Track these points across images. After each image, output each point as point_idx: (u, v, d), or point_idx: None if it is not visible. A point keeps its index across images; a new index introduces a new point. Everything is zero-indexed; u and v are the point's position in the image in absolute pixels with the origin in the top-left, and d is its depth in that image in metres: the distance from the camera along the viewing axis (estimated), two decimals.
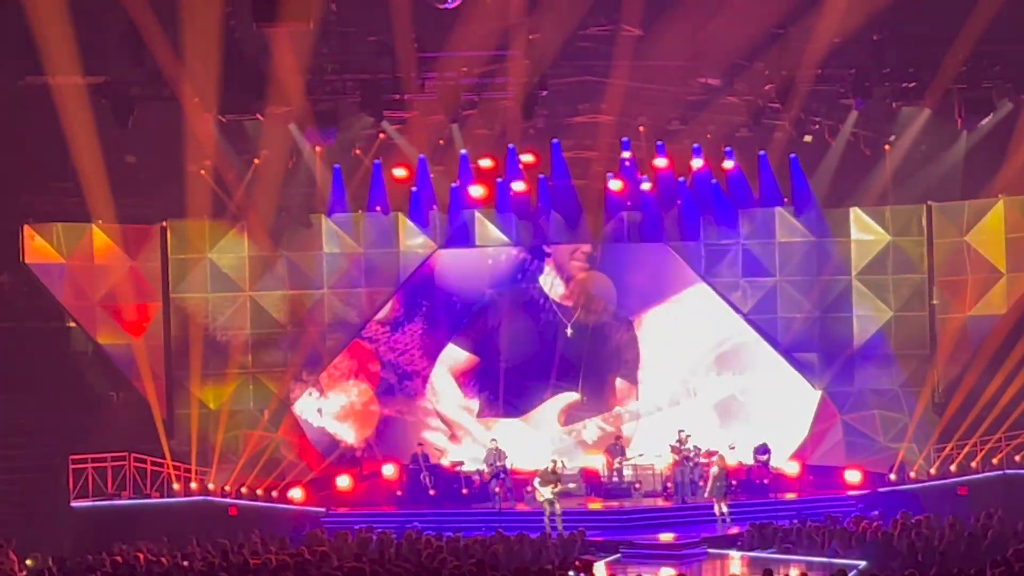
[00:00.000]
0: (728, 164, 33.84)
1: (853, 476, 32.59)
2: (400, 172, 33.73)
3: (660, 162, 33.74)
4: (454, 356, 35.36)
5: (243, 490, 31.75)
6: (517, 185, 33.76)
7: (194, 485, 31.53)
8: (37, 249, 32.28)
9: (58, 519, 29.54)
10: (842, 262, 34.77)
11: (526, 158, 33.58)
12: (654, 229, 35.02)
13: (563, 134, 33.53)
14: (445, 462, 33.73)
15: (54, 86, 28.41)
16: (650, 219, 34.92)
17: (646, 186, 34.14)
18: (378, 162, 33.54)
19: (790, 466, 33.28)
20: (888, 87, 30.46)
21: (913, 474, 32.30)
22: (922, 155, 33.54)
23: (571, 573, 21.41)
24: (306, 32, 25.65)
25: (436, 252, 34.98)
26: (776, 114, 31.63)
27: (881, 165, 33.68)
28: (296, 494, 32.11)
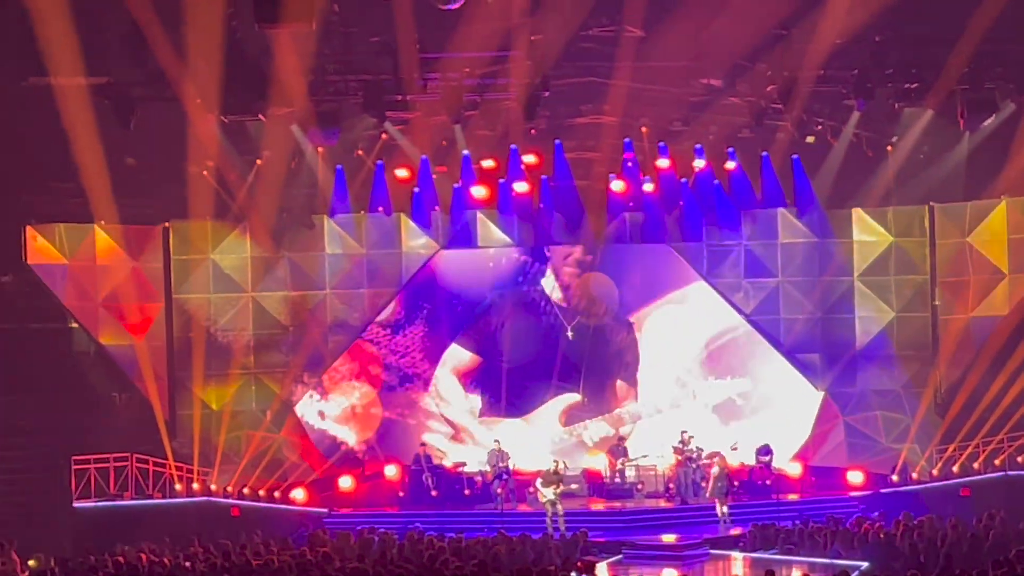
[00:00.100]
0: (730, 165, 33.84)
1: (855, 477, 32.56)
2: (402, 173, 33.77)
3: (662, 163, 33.75)
4: (457, 356, 35.35)
5: (245, 491, 31.72)
6: (519, 186, 33.75)
7: (196, 486, 31.52)
8: (39, 250, 32.29)
9: (60, 520, 29.54)
10: (844, 263, 34.75)
11: (528, 159, 33.58)
12: (656, 230, 35.00)
13: (565, 135, 33.53)
14: (447, 463, 33.72)
15: (56, 87, 28.41)
16: (652, 220, 34.91)
17: (648, 187, 34.13)
18: (380, 163, 33.55)
19: (792, 467, 33.22)
20: (890, 88, 30.48)
21: (915, 475, 32.29)
22: (924, 156, 33.55)
23: (573, 574, 21.42)
24: (308, 33, 25.61)
25: (438, 253, 34.98)
26: (778, 115, 31.65)
27: (883, 166, 33.66)
28: (298, 495, 32.08)
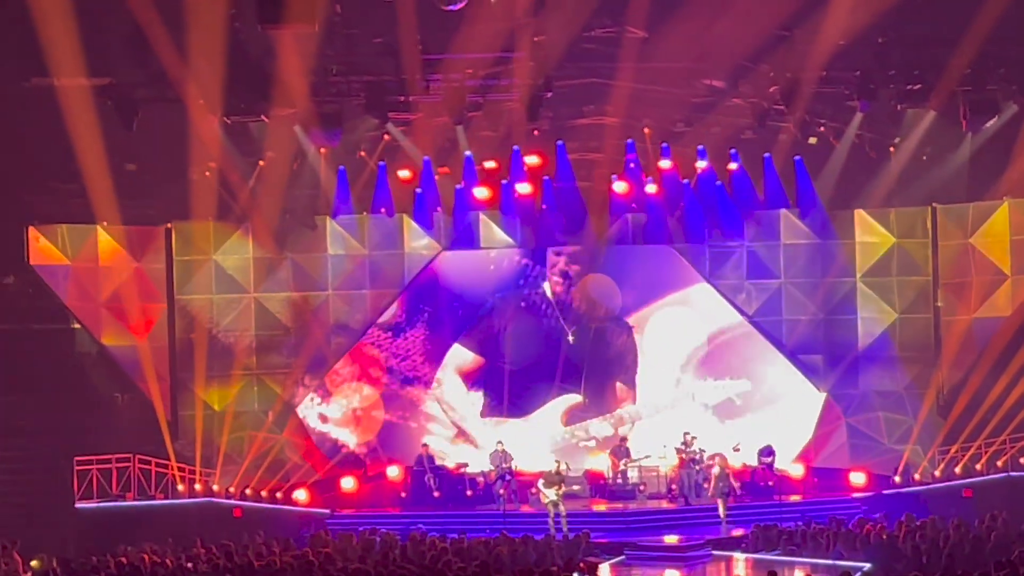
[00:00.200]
0: (733, 166, 33.84)
1: (858, 478, 32.52)
2: (405, 174, 33.78)
3: (665, 164, 33.74)
4: (460, 357, 35.34)
5: (247, 491, 31.73)
6: (522, 187, 33.76)
7: (198, 486, 31.54)
8: (42, 251, 32.30)
9: (63, 520, 29.53)
10: (847, 264, 34.71)
11: (531, 160, 33.57)
12: (658, 231, 34.97)
13: (568, 136, 33.52)
14: (449, 464, 33.70)
15: (59, 88, 28.44)
16: (654, 221, 34.88)
17: (651, 188, 34.09)
18: (383, 164, 33.54)
19: (794, 468, 33.16)
20: (893, 89, 30.47)
21: (918, 476, 32.27)
22: (927, 157, 33.52)
23: (575, 575, 21.42)
24: (311, 34, 25.62)
25: (440, 254, 34.98)
26: (781, 116, 31.65)
27: (886, 167, 33.62)
28: (300, 496, 32.08)
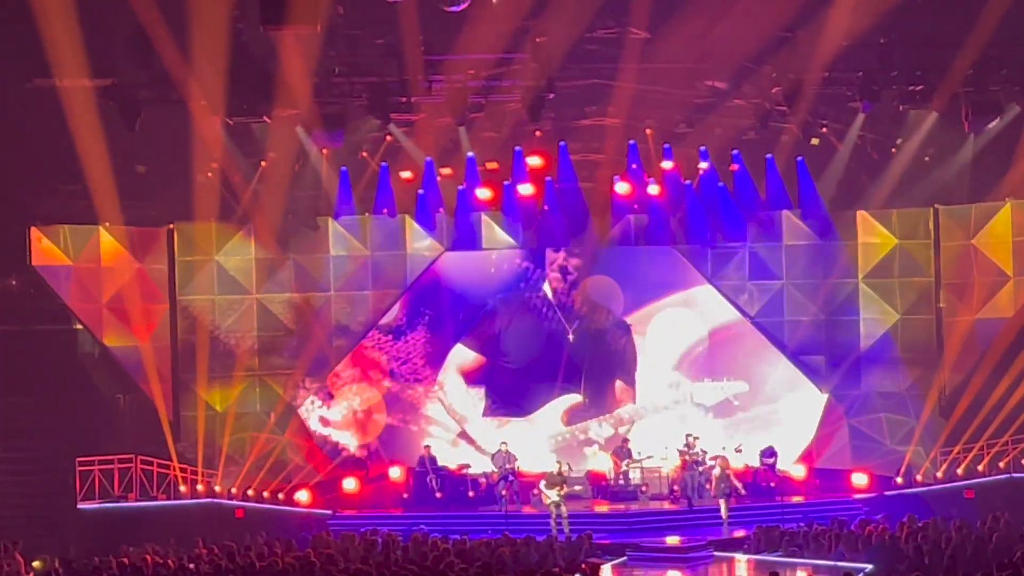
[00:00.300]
0: (735, 167, 33.84)
1: (860, 479, 32.50)
2: (407, 175, 33.78)
3: (667, 165, 33.74)
4: (461, 356, 35.34)
5: (249, 492, 31.76)
6: (524, 188, 33.76)
7: (200, 487, 31.58)
8: (44, 251, 32.29)
9: (65, 521, 29.56)
10: (849, 265, 34.69)
11: (533, 161, 33.58)
12: (661, 232, 34.97)
13: (570, 137, 33.51)
14: (451, 465, 33.67)
15: (61, 89, 28.44)
16: (657, 222, 34.88)
17: (653, 189, 34.10)
18: (385, 165, 33.55)
19: (796, 469, 33.16)
20: (895, 90, 30.43)
21: (920, 477, 32.27)
22: (929, 158, 33.51)
23: None
24: (313, 35, 25.63)
25: (442, 255, 34.96)
26: (783, 117, 31.61)
27: (888, 168, 33.61)
28: (302, 496, 32.10)
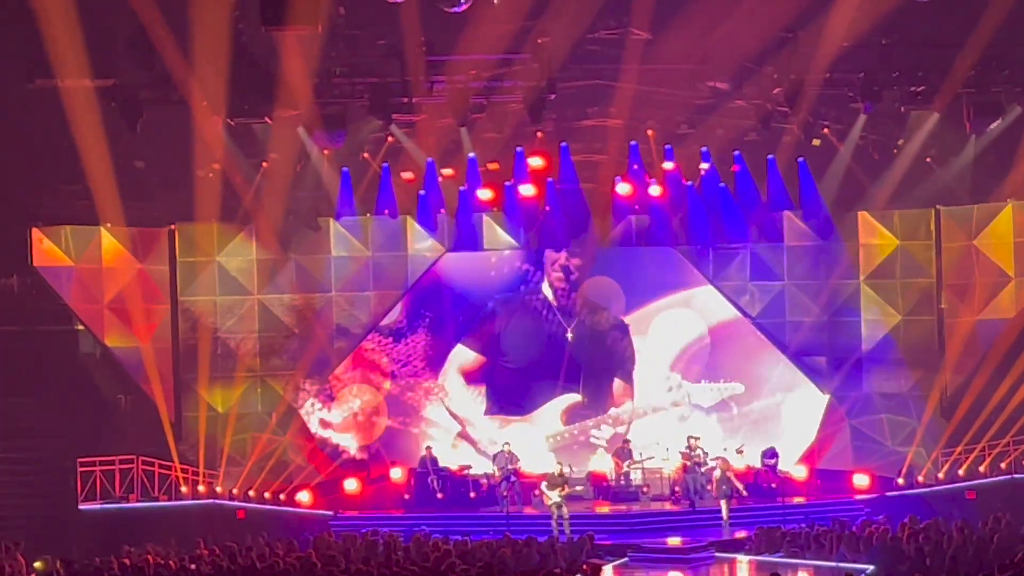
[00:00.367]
0: (736, 168, 33.83)
1: (861, 480, 32.50)
2: (408, 175, 33.78)
3: (668, 166, 33.73)
4: (462, 356, 35.33)
5: (251, 493, 31.77)
6: (525, 189, 33.75)
7: (202, 488, 31.58)
8: (46, 252, 32.31)
9: (66, 522, 29.54)
10: (850, 266, 34.68)
11: (534, 162, 33.57)
12: (662, 233, 34.95)
13: (571, 138, 33.50)
14: (452, 466, 33.65)
15: (63, 89, 28.42)
16: (658, 223, 34.87)
17: (654, 190, 34.09)
18: (386, 165, 33.55)
19: (798, 470, 33.15)
20: (897, 91, 30.43)
21: (921, 478, 32.25)
22: (931, 159, 33.48)
23: None
24: (315, 35, 25.64)
25: (443, 256, 34.94)
26: (784, 118, 31.58)
27: (889, 169, 33.59)
28: (304, 497, 32.10)
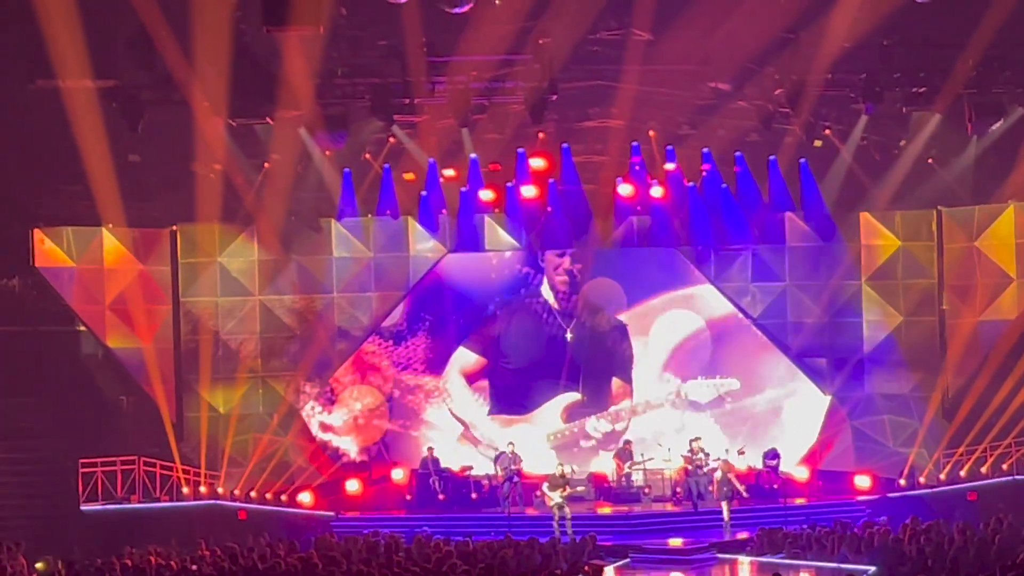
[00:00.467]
0: (738, 169, 33.82)
1: (863, 481, 32.47)
2: (410, 176, 33.77)
3: (670, 167, 33.73)
4: (464, 358, 35.33)
5: (252, 494, 31.77)
6: (527, 190, 33.74)
7: (203, 489, 31.58)
8: (47, 253, 32.30)
9: (67, 523, 29.54)
10: (851, 267, 34.63)
11: (536, 162, 33.56)
12: (664, 234, 34.92)
13: (573, 138, 33.49)
14: (454, 467, 33.64)
15: (64, 90, 28.44)
16: (660, 224, 34.84)
17: (656, 191, 34.07)
18: (388, 166, 33.54)
19: (799, 471, 33.16)
20: (898, 92, 30.46)
21: (923, 479, 32.23)
22: (932, 160, 33.47)
23: None
24: (316, 36, 25.66)
25: (444, 257, 34.93)
26: (786, 119, 31.59)
27: (891, 170, 33.58)
28: (305, 498, 32.09)
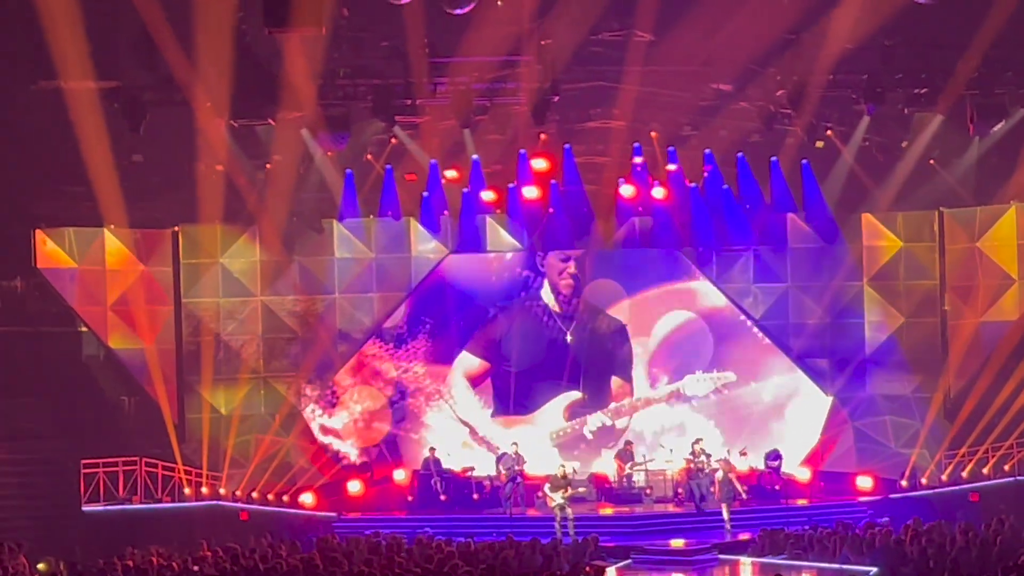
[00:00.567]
0: (740, 170, 33.82)
1: (865, 482, 32.47)
2: (411, 177, 33.78)
3: (671, 167, 33.73)
4: (466, 361, 35.34)
5: (254, 495, 31.76)
6: (528, 190, 33.73)
7: (205, 490, 31.57)
8: (49, 254, 32.33)
9: (69, 523, 29.52)
10: (853, 268, 34.63)
11: (538, 163, 33.55)
12: (665, 234, 34.93)
13: (575, 139, 33.48)
14: (456, 467, 33.64)
15: (66, 91, 28.47)
16: (661, 224, 34.85)
17: (658, 192, 34.07)
18: (390, 167, 33.55)
19: (801, 472, 33.17)
20: (900, 93, 30.46)
21: (925, 480, 32.21)
22: (934, 161, 33.47)
23: None
24: (318, 37, 25.66)
25: (446, 258, 34.93)
26: (788, 120, 31.59)
27: (893, 171, 33.58)
28: (307, 499, 32.09)
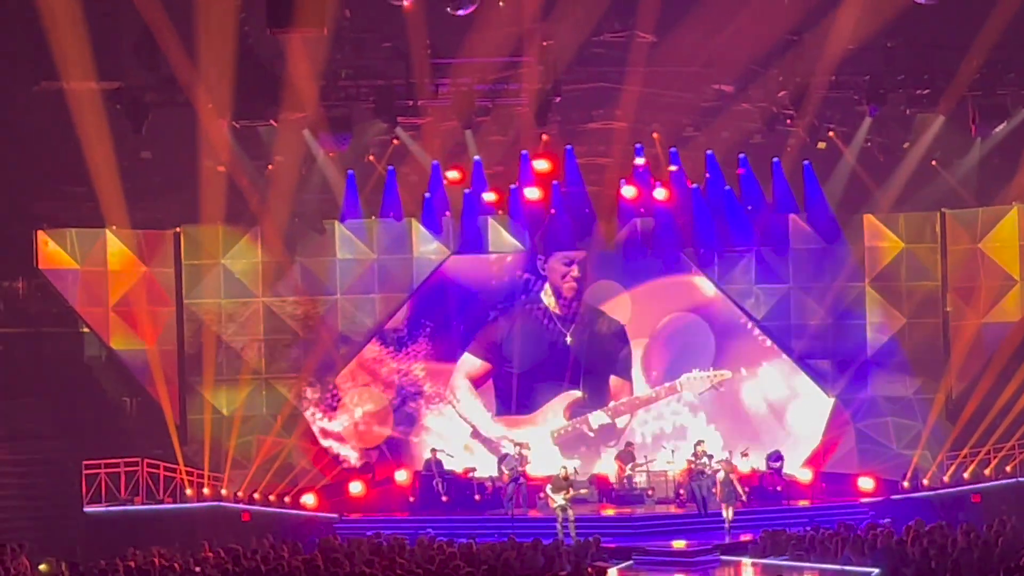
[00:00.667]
0: (741, 171, 33.82)
1: (866, 483, 32.45)
2: (413, 177, 33.78)
3: (673, 168, 33.72)
4: (469, 364, 35.35)
5: (256, 496, 31.74)
6: (530, 191, 33.72)
7: (207, 490, 31.56)
8: (51, 255, 32.33)
9: (71, 524, 29.59)
10: (855, 269, 34.61)
11: (540, 164, 33.55)
12: (667, 235, 34.93)
13: (576, 140, 33.49)
14: (457, 468, 33.64)
15: (69, 91, 28.49)
16: (663, 225, 34.85)
17: (660, 193, 34.06)
18: (391, 168, 33.55)
19: (803, 473, 33.16)
20: (902, 94, 30.48)
21: (926, 481, 32.18)
22: (936, 162, 33.47)
23: None
24: (320, 38, 25.66)
25: (448, 259, 34.94)
26: (790, 121, 31.57)
27: (895, 172, 33.58)
28: (309, 500, 32.07)
